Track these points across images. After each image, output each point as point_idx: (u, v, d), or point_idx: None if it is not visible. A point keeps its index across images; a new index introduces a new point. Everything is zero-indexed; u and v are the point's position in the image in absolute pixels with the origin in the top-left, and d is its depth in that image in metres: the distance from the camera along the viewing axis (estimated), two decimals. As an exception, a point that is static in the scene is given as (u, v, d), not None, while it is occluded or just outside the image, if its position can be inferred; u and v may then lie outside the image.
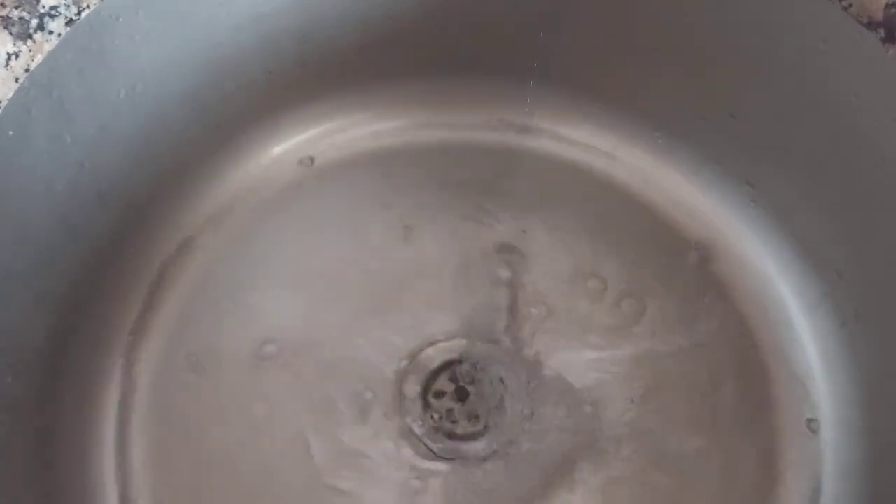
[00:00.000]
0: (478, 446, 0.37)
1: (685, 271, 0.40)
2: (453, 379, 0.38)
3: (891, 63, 0.30)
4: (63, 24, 0.30)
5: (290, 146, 0.43)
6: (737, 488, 0.36)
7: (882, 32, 0.30)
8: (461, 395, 0.38)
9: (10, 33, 0.29)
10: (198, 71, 0.38)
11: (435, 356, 0.39)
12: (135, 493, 0.36)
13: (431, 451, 0.37)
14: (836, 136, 0.34)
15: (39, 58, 0.30)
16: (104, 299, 0.38)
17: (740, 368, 0.38)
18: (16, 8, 0.29)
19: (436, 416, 0.38)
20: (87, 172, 0.35)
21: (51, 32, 0.30)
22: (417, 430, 0.37)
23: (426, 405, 0.38)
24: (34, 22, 0.29)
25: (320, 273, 0.40)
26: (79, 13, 0.31)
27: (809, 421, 0.37)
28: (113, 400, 0.37)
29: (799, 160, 0.37)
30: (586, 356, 0.38)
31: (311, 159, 0.43)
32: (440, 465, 0.37)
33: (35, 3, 0.29)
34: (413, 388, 0.38)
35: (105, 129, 0.35)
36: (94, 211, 0.36)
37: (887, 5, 0.30)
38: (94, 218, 0.36)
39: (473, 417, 0.38)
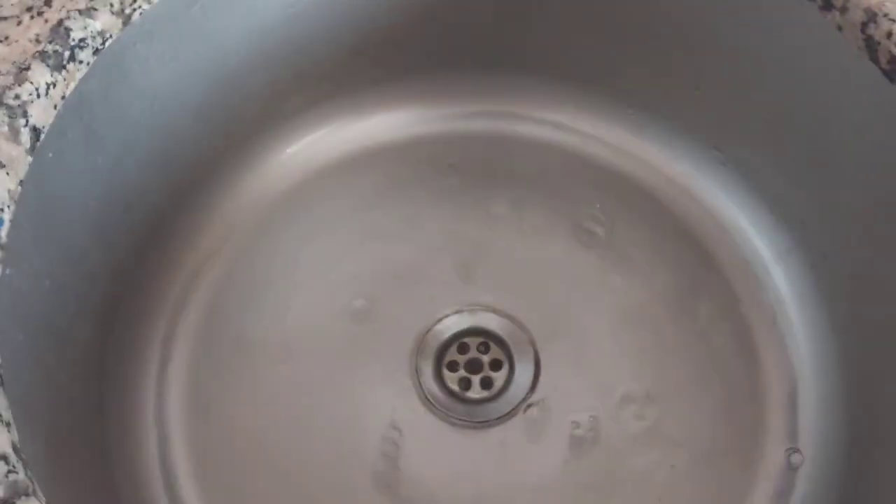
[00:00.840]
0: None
1: (666, 233, 0.44)
2: (462, 348, 0.42)
3: (828, 27, 0.34)
4: (91, 53, 0.34)
5: (295, 150, 0.46)
6: (722, 422, 0.40)
7: (819, 1, 0.34)
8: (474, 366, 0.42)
9: (48, 65, 0.32)
10: (206, 86, 0.41)
11: (444, 330, 0.42)
12: (178, 475, 0.39)
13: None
14: (793, 98, 0.38)
15: (72, 86, 0.33)
16: (132, 304, 0.41)
17: (722, 315, 0.42)
18: (49, 42, 0.32)
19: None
20: (116, 187, 0.38)
21: (80, 62, 0.33)
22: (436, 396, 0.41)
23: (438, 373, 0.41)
24: (66, 54, 0.32)
25: (336, 267, 0.43)
26: (103, 43, 0.34)
27: (789, 358, 0.41)
28: (154, 397, 0.41)
29: (761, 123, 0.41)
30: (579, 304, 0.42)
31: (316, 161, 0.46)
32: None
33: (66, 36, 0.32)
34: (427, 366, 0.41)
35: (128, 145, 0.38)
36: (123, 222, 0.39)
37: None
38: (125, 228, 0.39)
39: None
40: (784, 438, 0.39)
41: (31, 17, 0.33)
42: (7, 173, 0.30)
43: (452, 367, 0.42)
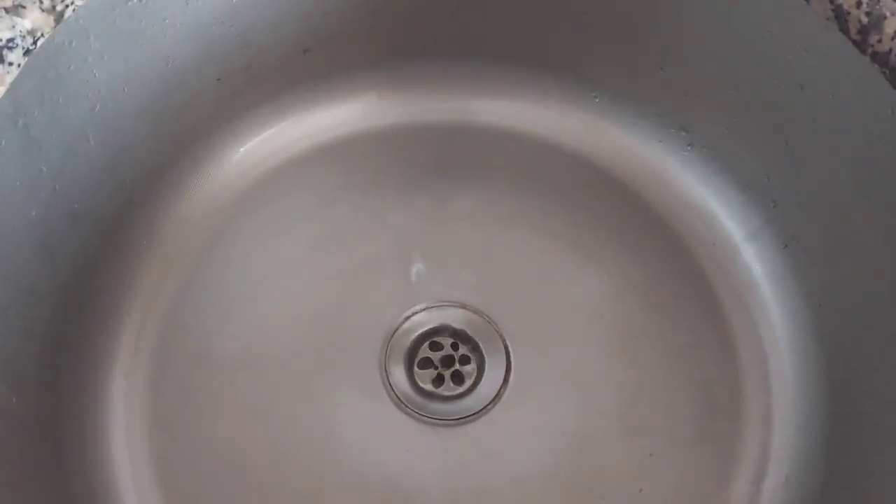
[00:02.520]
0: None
1: (634, 218, 0.43)
2: (433, 346, 0.41)
3: (793, -1, 0.33)
4: (21, 54, 0.31)
5: (248, 149, 0.44)
6: (699, 408, 0.39)
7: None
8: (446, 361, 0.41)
9: (-27, 68, 0.30)
10: (150, 86, 0.39)
11: (413, 328, 0.41)
12: (143, 493, 0.38)
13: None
14: (757, 74, 0.37)
15: (2, 90, 0.31)
16: (85, 316, 0.39)
17: (693, 299, 0.41)
18: (-26, 43, 0.30)
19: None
20: (59, 195, 0.36)
21: (10, 64, 0.31)
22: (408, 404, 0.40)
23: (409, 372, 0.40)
24: (-6, 55, 0.30)
25: (298, 267, 0.42)
26: (34, 43, 0.32)
27: (763, 339, 0.40)
28: (114, 412, 0.39)
29: (725, 101, 0.40)
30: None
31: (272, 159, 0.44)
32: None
33: (-8, 37, 0.30)
34: (397, 365, 0.40)
35: (70, 150, 0.36)
36: (70, 231, 0.37)
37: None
38: (71, 238, 0.37)
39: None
40: (762, 420, 0.39)
41: (-46, 18, 0.31)
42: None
43: (423, 364, 0.40)
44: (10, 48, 0.31)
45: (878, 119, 0.34)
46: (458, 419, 0.39)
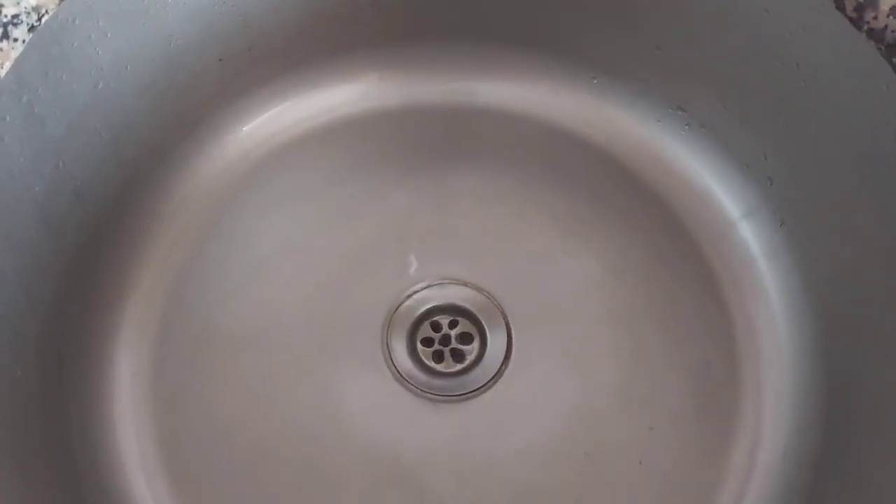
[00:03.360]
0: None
1: (632, 197, 0.43)
2: (435, 323, 0.41)
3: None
4: (26, 30, 0.32)
5: (250, 130, 0.44)
6: (698, 382, 0.40)
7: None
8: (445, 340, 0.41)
9: (-21, 43, 0.30)
10: (154, 64, 0.39)
11: (416, 306, 0.41)
12: (148, 471, 0.38)
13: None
14: (754, 53, 0.38)
15: (8, 65, 0.31)
16: (89, 293, 0.39)
17: (692, 275, 0.41)
18: (-20, 18, 0.30)
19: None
20: (63, 172, 0.36)
21: (15, 40, 0.31)
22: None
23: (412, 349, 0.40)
24: (-1, 30, 0.31)
25: (300, 246, 0.42)
26: (39, 19, 0.32)
27: (760, 315, 0.40)
28: (118, 389, 0.39)
29: (723, 80, 0.40)
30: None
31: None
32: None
33: (-2, 11, 0.30)
34: (399, 342, 0.40)
35: (73, 128, 0.36)
36: (73, 208, 0.37)
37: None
38: (75, 215, 0.37)
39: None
40: (759, 394, 0.39)
41: (-41, -7, 0.31)
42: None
43: (425, 342, 0.41)
44: (14, 24, 0.31)
45: (874, 96, 0.34)
46: (460, 395, 0.39)
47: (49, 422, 0.35)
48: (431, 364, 0.40)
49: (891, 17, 0.33)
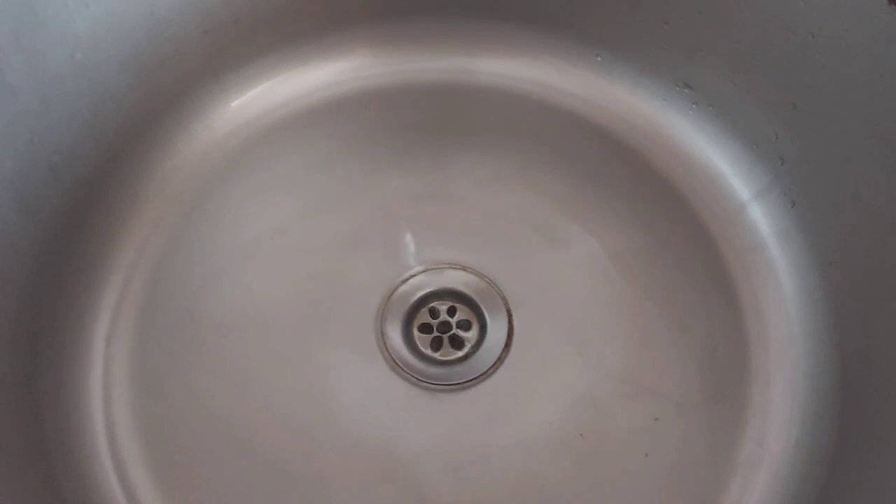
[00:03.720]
0: (465, 369, 0.38)
1: (638, 178, 0.42)
2: (432, 309, 0.39)
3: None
4: (-5, -9, 0.30)
5: (237, 107, 0.42)
6: (704, 370, 0.38)
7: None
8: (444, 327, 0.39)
9: (-56, 2, 0.28)
10: (135, 35, 0.37)
11: (411, 291, 0.39)
12: (127, 461, 0.36)
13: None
14: (766, 24, 0.36)
15: (-24, 28, 0.29)
16: (67, 276, 0.37)
17: (699, 259, 0.40)
18: (-55, -24, 0.28)
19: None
20: (37, 147, 0.34)
21: (-16, 1, 0.29)
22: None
23: (408, 336, 0.39)
24: (-34, -10, 0.28)
25: (290, 229, 0.40)
26: (10, -21, 0.30)
27: (770, 300, 0.39)
28: (96, 376, 0.37)
29: (732, 56, 0.39)
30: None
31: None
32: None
33: (-36, -31, 0.28)
34: (394, 329, 0.39)
35: (48, 100, 0.34)
36: (50, 185, 0.35)
37: None
38: (52, 192, 0.35)
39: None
40: (769, 382, 0.37)
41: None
42: None
43: (422, 328, 0.39)
44: (-16, -16, 0.29)
45: (894, 69, 0.32)
46: (458, 384, 0.38)
47: (21, 410, 0.33)
48: (428, 351, 0.38)
49: (914, -14, 0.31)
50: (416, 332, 0.39)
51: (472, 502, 0.36)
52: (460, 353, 0.38)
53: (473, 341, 0.39)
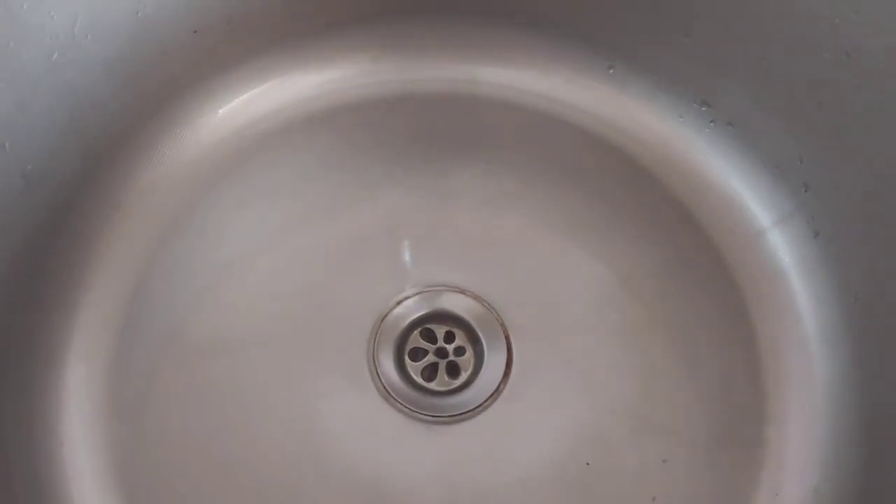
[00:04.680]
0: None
1: (650, 200, 0.39)
2: (427, 334, 0.37)
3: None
4: (-38, -14, 0.27)
5: (226, 113, 0.40)
6: (717, 408, 0.36)
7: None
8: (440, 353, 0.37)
9: None
10: (119, 35, 0.35)
11: (405, 314, 0.37)
12: (100, 492, 0.34)
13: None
14: (796, 40, 0.34)
15: (-61, 26, 0.27)
16: (39, 292, 0.35)
17: (714, 289, 0.37)
18: None
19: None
20: (10, 154, 0.32)
21: (-51, -3, 0.27)
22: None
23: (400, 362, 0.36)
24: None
25: (278, 245, 0.38)
26: (-22, -27, 0.28)
27: (790, 335, 0.37)
28: (67, 400, 0.35)
29: (756, 72, 0.36)
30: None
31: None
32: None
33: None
34: (386, 355, 0.37)
35: (23, 104, 0.32)
36: (22, 196, 0.33)
37: None
38: (22, 204, 0.33)
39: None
40: (787, 424, 0.35)
41: None
42: None
43: (415, 355, 0.37)
44: (-51, -21, 0.27)
45: (932, 94, 0.30)
46: (453, 416, 0.35)
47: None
48: (421, 380, 0.36)
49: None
50: (408, 360, 0.37)
51: (465, 545, 0.33)
52: (456, 383, 0.36)
53: (470, 370, 0.36)
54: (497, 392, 0.36)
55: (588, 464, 0.34)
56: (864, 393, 0.34)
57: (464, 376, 0.36)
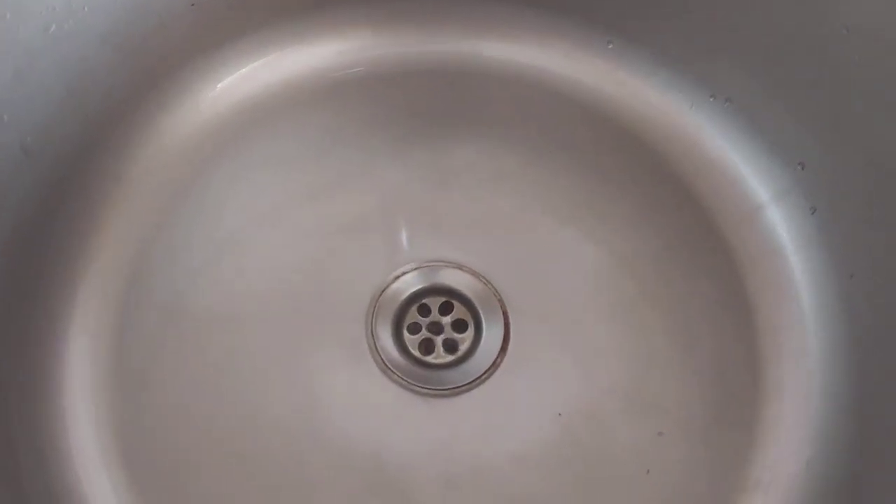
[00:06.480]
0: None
1: (649, 177, 0.39)
2: (424, 308, 0.37)
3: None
4: (-42, -44, 0.27)
5: (225, 87, 0.40)
6: (713, 384, 0.36)
7: None
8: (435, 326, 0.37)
9: None
10: (116, 8, 0.35)
11: (404, 288, 0.37)
12: (101, 463, 0.34)
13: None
14: (797, 15, 0.34)
15: (-64, -4, 0.27)
16: (39, 265, 0.35)
17: (712, 266, 0.37)
18: None
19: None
20: (8, 126, 0.32)
21: (-55, -33, 0.27)
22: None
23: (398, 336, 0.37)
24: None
25: (278, 219, 0.38)
26: (-26, -57, 0.28)
27: (786, 312, 0.37)
28: (69, 372, 0.35)
29: (757, 47, 0.36)
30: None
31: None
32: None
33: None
34: (384, 329, 0.37)
35: (21, 75, 0.32)
36: (21, 167, 0.33)
37: None
38: (24, 175, 0.33)
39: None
40: (782, 399, 0.35)
41: None
42: None
43: (413, 329, 0.37)
44: (-55, -52, 0.27)
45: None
46: (450, 389, 0.36)
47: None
48: (420, 354, 0.36)
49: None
50: (406, 334, 0.37)
51: (463, 516, 0.34)
52: (453, 357, 0.36)
53: (467, 344, 0.37)
54: (494, 366, 0.36)
55: (583, 440, 0.35)
56: (859, 369, 0.34)
57: (461, 350, 0.37)
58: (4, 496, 0.31)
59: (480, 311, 0.37)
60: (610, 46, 0.41)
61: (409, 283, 0.37)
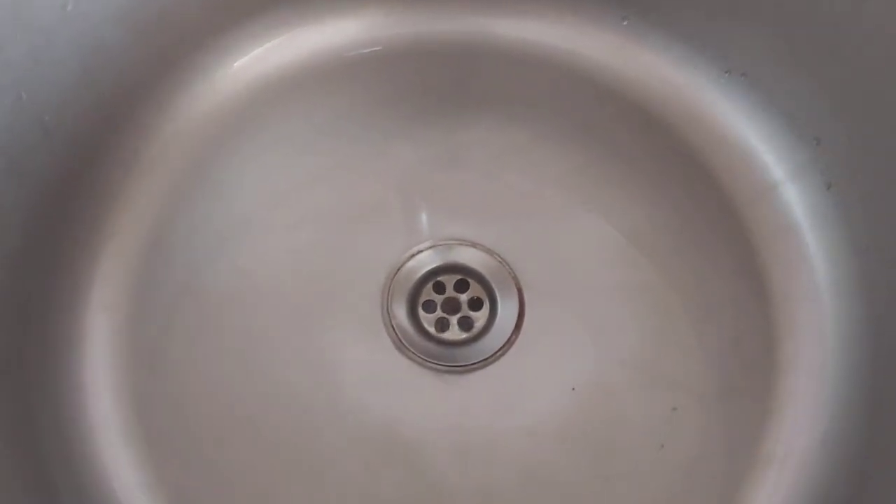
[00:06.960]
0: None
1: (664, 153, 0.39)
2: (440, 286, 0.37)
3: None
4: (-24, -66, 0.27)
5: (241, 66, 0.40)
6: (728, 359, 0.36)
7: None
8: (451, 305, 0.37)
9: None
10: (131, -13, 0.35)
11: (419, 267, 0.37)
12: (120, 437, 0.35)
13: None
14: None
15: (-45, -25, 0.27)
16: (59, 242, 0.36)
17: (727, 241, 0.37)
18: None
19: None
20: (26, 104, 0.32)
21: (-37, -55, 0.27)
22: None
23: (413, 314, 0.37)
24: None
25: (294, 197, 0.38)
26: (-8, -78, 0.28)
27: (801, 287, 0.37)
28: (89, 348, 0.35)
29: (770, 21, 0.36)
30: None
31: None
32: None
33: None
34: (400, 306, 0.37)
35: (37, 54, 0.32)
36: (40, 146, 0.33)
37: None
38: (42, 154, 0.33)
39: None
40: (796, 375, 0.35)
41: None
42: None
43: (428, 307, 0.37)
44: (-37, -73, 0.27)
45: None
46: (465, 365, 0.36)
47: (10, 385, 0.32)
48: (435, 331, 0.37)
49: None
50: (421, 311, 0.37)
51: (478, 490, 0.34)
52: (468, 334, 0.37)
53: (482, 322, 0.37)
54: (509, 343, 0.36)
55: (597, 415, 0.35)
56: (874, 344, 0.34)
57: (476, 328, 0.37)
58: (26, 469, 0.31)
59: (495, 289, 0.37)
60: (625, 23, 0.40)
61: (424, 262, 0.37)
